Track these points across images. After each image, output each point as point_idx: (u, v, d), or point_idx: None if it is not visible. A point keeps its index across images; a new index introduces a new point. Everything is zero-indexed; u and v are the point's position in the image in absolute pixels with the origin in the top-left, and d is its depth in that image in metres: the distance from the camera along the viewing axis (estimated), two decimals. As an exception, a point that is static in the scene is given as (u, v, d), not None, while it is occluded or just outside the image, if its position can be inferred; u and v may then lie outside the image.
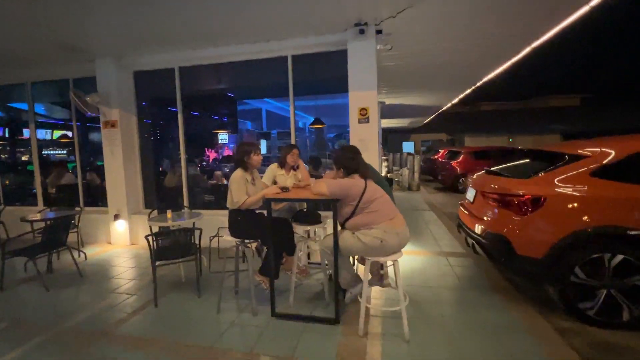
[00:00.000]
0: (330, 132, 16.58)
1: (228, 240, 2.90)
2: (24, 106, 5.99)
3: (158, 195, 5.58)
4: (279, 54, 4.48)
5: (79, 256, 4.43)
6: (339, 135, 15.17)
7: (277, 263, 2.80)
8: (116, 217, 4.95)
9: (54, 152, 16.73)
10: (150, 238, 3.00)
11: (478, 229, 3.06)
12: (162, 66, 4.93)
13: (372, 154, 3.96)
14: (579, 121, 25.74)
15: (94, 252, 4.74)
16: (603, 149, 2.62)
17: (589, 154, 2.63)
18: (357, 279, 2.74)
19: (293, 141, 4.66)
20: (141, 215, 5.05)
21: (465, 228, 3.30)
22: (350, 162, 2.52)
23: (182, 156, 5.10)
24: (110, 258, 4.48)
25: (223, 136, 20.35)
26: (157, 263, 2.95)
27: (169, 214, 3.65)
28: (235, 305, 2.92)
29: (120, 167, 4.92)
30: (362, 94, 4.03)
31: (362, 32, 3.73)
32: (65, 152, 15.65)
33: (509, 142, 20.73)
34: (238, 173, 2.81)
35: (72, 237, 4.30)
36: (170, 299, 3.10)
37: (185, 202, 5.09)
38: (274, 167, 3.64)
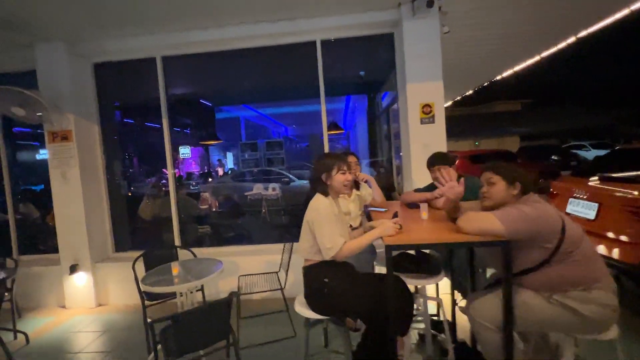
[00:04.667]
0: (303, 142, 15.62)
1: (301, 312, 1.76)
2: None
3: (133, 231, 4.12)
4: (305, 38, 3.44)
5: (15, 338, 2.89)
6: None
7: (391, 350, 1.69)
8: (73, 269, 3.43)
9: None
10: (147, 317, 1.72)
11: (622, 254, 2.28)
12: (136, 55, 3.60)
13: (440, 163, 3.04)
14: (525, 124, 27.87)
15: (39, 327, 3.18)
16: None
17: None
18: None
19: (326, 149, 3.61)
20: (112, 264, 3.59)
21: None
22: (523, 174, 1.57)
23: (171, 176, 3.75)
24: (66, 335, 2.99)
25: (185, 150, 18.41)
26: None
27: (175, 267, 2.36)
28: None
29: (78, 196, 3.43)
30: (425, 86, 3.14)
31: (430, 4, 2.85)
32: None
33: (475, 146, 21.47)
34: (320, 202, 1.72)
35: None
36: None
37: (177, 239, 3.72)
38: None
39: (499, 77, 6.70)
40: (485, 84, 7.60)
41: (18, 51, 3.47)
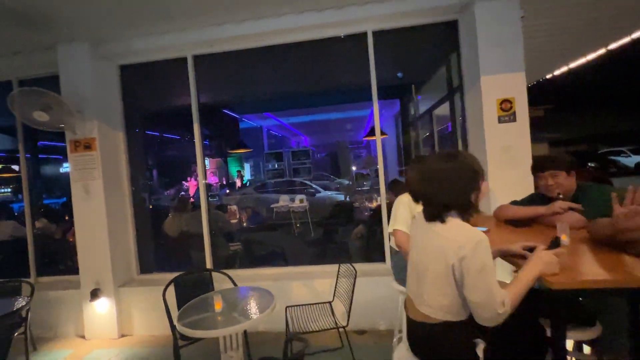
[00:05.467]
0: (321, 152, 15.15)
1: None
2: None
3: (158, 249, 3.73)
4: (354, 29, 3.02)
5: (29, 378, 2.49)
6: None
7: None
8: (94, 294, 3.03)
9: (-5, 190, 13.74)
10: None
11: None
12: (165, 54, 3.26)
13: (523, 170, 2.49)
14: (552, 130, 26.73)
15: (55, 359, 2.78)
16: None
17: None
18: None
19: (380, 157, 3.14)
20: (137, 288, 3.18)
21: None
22: None
23: (202, 187, 3.35)
24: (87, 374, 2.57)
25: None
26: None
27: (218, 302, 1.90)
28: None
29: (101, 212, 3.07)
30: (502, 79, 2.64)
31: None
32: (9, 190, 12.86)
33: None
34: (482, 237, 1.08)
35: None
36: None
37: (208, 259, 3.29)
38: (405, 200, 2.07)
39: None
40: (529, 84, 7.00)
41: (40, 54, 3.20)
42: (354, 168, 8.94)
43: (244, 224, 4.66)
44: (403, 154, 7.30)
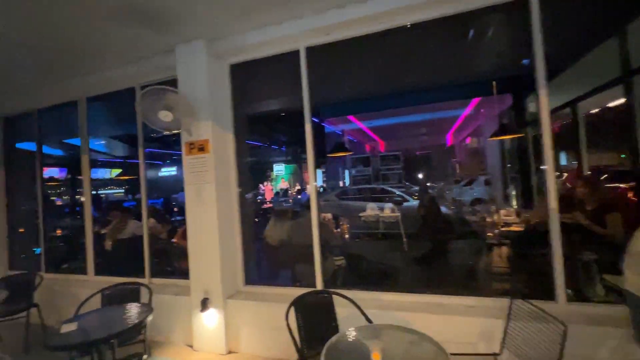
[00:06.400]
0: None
1: None
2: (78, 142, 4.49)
3: (260, 259, 3.51)
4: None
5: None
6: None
7: None
8: (204, 304, 2.87)
9: (111, 191, 15.94)
10: None
11: None
12: (277, 48, 3.01)
13: None
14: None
15: (168, 372, 2.65)
16: None
17: None
18: None
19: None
20: (244, 301, 2.93)
21: None
22: None
23: (313, 190, 2.99)
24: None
25: (279, 167, 18.90)
26: None
27: (376, 353, 1.42)
28: None
29: (212, 217, 2.92)
30: None
31: None
32: (122, 191, 14.78)
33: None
34: None
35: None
36: None
37: (319, 275, 2.89)
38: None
39: None
40: None
41: (160, 58, 3.25)
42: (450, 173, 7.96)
43: (346, 236, 4.24)
44: (516, 158, 6.16)
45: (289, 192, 14.91)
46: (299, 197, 13.17)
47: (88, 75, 3.70)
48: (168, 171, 15.43)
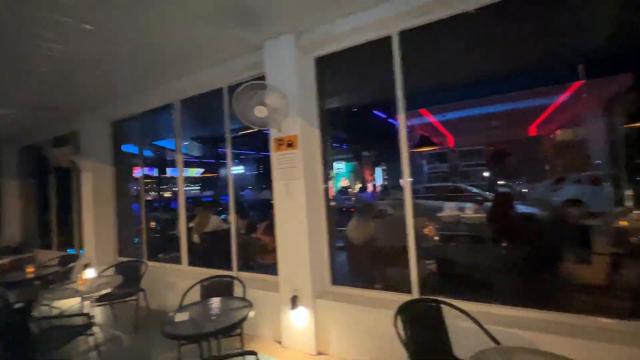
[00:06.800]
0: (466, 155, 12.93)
1: None
2: (165, 144, 4.92)
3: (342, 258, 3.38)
4: None
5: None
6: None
7: None
8: (294, 302, 2.83)
9: (189, 188, 17.50)
10: None
11: None
12: (366, 36, 2.83)
13: None
14: None
15: (263, 369, 2.66)
16: None
17: None
18: None
19: None
20: (332, 302, 2.83)
21: None
22: None
23: (407, 186, 2.76)
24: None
25: (339, 165, 18.79)
26: None
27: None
28: None
29: (302, 214, 2.87)
30: None
31: None
32: (198, 188, 16.13)
33: None
34: None
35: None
36: None
37: (415, 282, 2.64)
38: None
39: None
40: None
41: (248, 57, 3.32)
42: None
43: (436, 238, 3.91)
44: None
45: (349, 190, 14.72)
46: (361, 195, 12.91)
47: (180, 79, 3.96)
48: (235, 170, 16.51)
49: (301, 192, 2.86)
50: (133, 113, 4.82)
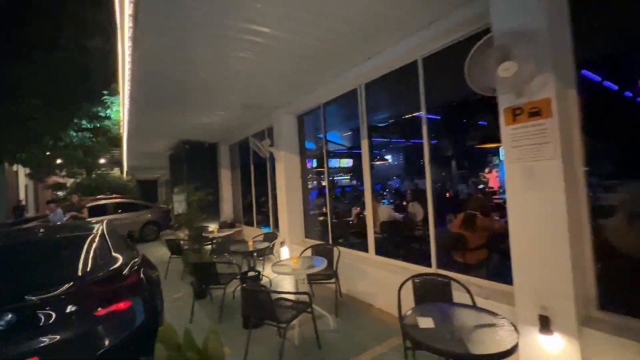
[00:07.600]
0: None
1: None
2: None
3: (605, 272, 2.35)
4: None
5: None
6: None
7: None
8: (546, 323, 2.10)
9: (340, 177, 18.57)
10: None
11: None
12: None
13: None
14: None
15: None
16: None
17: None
18: None
19: None
20: (604, 336, 1.93)
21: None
22: None
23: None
24: None
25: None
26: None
27: None
28: None
29: (557, 207, 2.08)
30: None
31: None
32: (348, 177, 16.83)
33: None
34: None
35: None
36: None
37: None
38: None
39: None
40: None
41: (439, 23, 2.71)
42: None
43: None
44: None
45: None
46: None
47: (363, 63, 3.78)
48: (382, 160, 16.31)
49: (556, 177, 2.07)
50: (318, 103, 5.06)
